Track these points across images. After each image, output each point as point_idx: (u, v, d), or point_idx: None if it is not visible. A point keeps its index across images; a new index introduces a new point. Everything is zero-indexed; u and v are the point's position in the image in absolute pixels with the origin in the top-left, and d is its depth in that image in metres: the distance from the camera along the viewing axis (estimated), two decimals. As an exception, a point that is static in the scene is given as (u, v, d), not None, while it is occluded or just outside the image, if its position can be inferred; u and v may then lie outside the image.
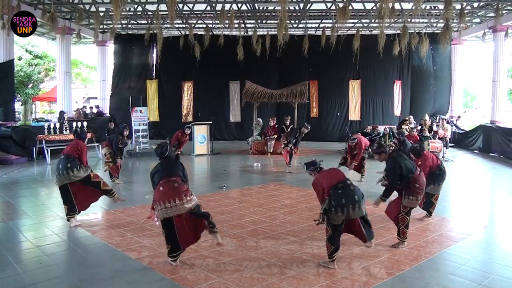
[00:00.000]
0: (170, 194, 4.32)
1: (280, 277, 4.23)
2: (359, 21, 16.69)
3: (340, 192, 4.43)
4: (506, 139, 13.33)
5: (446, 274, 4.34)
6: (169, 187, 4.35)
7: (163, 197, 4.33)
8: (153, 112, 19.10)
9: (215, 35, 16.47)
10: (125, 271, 4.37)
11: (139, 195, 8.16)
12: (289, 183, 9.46)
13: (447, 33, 12.74)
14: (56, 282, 4.13)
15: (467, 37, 18.69)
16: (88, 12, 15.64)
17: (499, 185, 9.83)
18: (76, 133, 6.52)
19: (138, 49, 19.17)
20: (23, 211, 6.91)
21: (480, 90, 34.58)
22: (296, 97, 14.39)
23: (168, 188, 4.36)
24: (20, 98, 22.09)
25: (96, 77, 22.73)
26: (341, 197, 4.38)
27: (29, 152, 12.26)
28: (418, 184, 5.03)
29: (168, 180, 4.44)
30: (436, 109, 18.82)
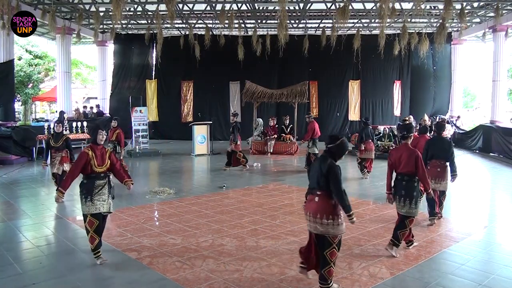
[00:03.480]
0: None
1: (280, 277, 4.23)
2: (359, 21, 16.69)
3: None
4: (506, 139, 13.33)
5: (446, 274, 4.34)
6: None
7: None
8: (152, 112, 19.10)
9: (215, 35, 16.46)
10: (125, 271, 4.37)
11: (139, 195, 8.16)
12: (289, 183, 9.46)
13: (443, 32, 12.73)
14: (56, 282, 4.13)
15: (467, 37, 18.69)
16: (88, 12, 15.64)
17: (499, 185, 9.84)
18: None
19: (138, 49, 19.19)
20: (23, 211, 6.92)
21: (480, 90, 34.59)
22: (296, 97, 14.40)
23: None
24: (20, 98, 22.08)
25: (96, 77, 22.75)
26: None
27: (29, 152, 12.27)
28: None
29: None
30: (436, 109, 18.83)
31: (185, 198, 7.81)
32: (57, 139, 7.43)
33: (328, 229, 3.72)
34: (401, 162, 4.85)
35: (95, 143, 4.75)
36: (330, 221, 3.72)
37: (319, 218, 3.74)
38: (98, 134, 4.72)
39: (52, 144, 7.38)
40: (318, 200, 3.80)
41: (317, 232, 3.77)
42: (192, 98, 19.38)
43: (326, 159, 3.83)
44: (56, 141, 7.39)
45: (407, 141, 4.96)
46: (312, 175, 3.93)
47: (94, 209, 4.57)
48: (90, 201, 4.55)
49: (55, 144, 7.37)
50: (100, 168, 4.64)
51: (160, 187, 8.46)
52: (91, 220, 4.59)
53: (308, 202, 3.93)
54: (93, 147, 4.71)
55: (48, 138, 7.60)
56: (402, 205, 4.83)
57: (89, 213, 4.58)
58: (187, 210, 6.89)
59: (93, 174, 4.59)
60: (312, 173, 3.93)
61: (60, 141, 7.41)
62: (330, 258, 3.75)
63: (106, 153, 4.73)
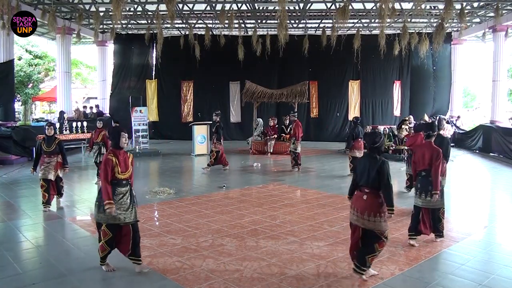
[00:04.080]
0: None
1: (280, 277, 4.23)
2: (359, 21, 16.69)
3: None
4: (506, 139, 13.33)
5: (446, 274, 4.34)
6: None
7: None
8: (152, 112, 19.10)
9: (215, 35, 16.46)
10: (125, 271, 4.37)
11: (139, 195, 8.14)
12: (289, 183, 9.46)
13: (442, 32, 12.73)
14: (56, 282, 4.12)
15: (467, 37, 18.68)
16: (88, 12, 15.63)
17: (499, 185, 9.84)
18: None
19: (138, 49, 19.19)
20: (23, 211, 6.92)
21: (480, 90, 34.59)
22: (296, 97, 14.40)
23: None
24: (20, 98, 22.08)
25: (96, 77, 22.74)
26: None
27: (29, 152, 12.26)
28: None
29: None
30: (436, 109, 18.82)
31: (185, 198, 7.81)
32: (50, 143, 6.91)
33: (376, 225, 3.95)
34: (426, 160, 5.07)
35: (117, 147, 4.35)
36: (378, 218, 3.94)
37: (366, 215, 3.96)
38: (121, 137, 4.32)
39: (45, 148, 6.86)
40: (366, 198, 4.00)
41: (365, 227, 4.00)
42: (192, 98, 19.39)
43: (375, 157, 4.04)
44: (49, 145, 6.89)
45: (431, 139, 5.23)
46: (361, 172, 4.08)
47: (113, 220, 4.20)
48: (98, 208, 4.26)
49: (48, 148, 6.86)
50: (123, 174, 4.30)
51: (160, 187, 8.46)
52: (105, 231, 4.23)
53: (356, 199, 4.11)
54: (115, 152, 4.32)
55: (39, 142, 6.99)
56: (429, 200, 5.09)
57: (105, 223, 4.21)
58: (187, 210, 6.89)
59: (114, 181, 4.24)
60: (361, 170, 4.09)
61: (52, 145, 6.90)
62: (378, 248, 4.02)
63: (128, 158, 4.42)
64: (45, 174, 6.81)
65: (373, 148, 4.10)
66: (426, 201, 5.11)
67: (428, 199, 5.08)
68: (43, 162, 6.86)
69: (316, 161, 12.96)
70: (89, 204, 7.50)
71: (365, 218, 3.96)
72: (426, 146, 5.19)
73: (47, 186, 6.82)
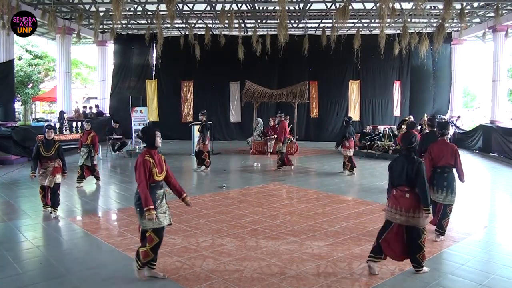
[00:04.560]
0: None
1: (280, 277, 4.23)
2: (359, 21, 16.69)
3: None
4: (506, 139, 13.33)
5: (446, 274, 4.34)
6: None
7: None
8: (152, 112, 19.11)
9: (215, 35, 16.46)
10: (125, 271, 4.37)
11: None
12: (289, 183, 9.46)
13: (442, 32, 12.73)
14: (56, 282, 4.12)
15: (467, 37, 18.69)
16: (88, 12, 15.64)
17: (499, 185, 9.84)
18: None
19: (138, 49, 19.20)
20: (23, 211, 6.92)
21: (480, 90, 34.58)
22: (296, 97, 14.40)
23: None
24: (20, 98, 22.08)
25: (96, 77, 22.74)
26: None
27: (29, 152, 12.21)
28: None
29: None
30: (436, 109, 18.83)
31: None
32: (49, 147, 6.48)
33: (419, 221, 4.17)
34: (442, 156, 5.37)
35: (152, 147, 4.10)
36: (421, 214, 4.16)
37: (411, 212, 4.16)
38: (156, 136, 4.08)
39: (44, 153, 6.44)
40: (409, 196, 4.19)
41: (409, 224, 4.19)
42: (192, 98, 19.39)
43: (412, 158, 4.24)
44: (48, 150, 6.46)
45: (444, 137, 5.59)
46: (398, 173, 4.27)
47: (158, 224, 3.99)
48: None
49: (47, 153, 6.45)
50: (160, 176, 4.07)
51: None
52: (152, 237, 4.00)
53: (397, 198, 4.25)
54: (151, 152, 4.07)
55: (38, 146, 6.50)
56: (445, 195, 5.40)
57: (152, 228, 3.99)
58: (187, 210, 6.87)
59: (153, 184, 4.03)
60: (398, 171, 4.28)
61: (52, 149, 6.47)
62: (423, 244, 4.23)
63: (162, 159, 4.20)
64: (42, 180, 6.48)
65: (410, 149, 4.28)
66: (443, 197, 5.41)
67: (443, 194, 5.39)
68: (40, 167, 6.49)
69: (316, 161, 12.95)
70: (89, 204, 7.50)
71: (409, 215, 4.15)
72: (443, 144, 5.48)
73: (44, 192, 6.55)
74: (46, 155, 6.44)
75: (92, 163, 8.75)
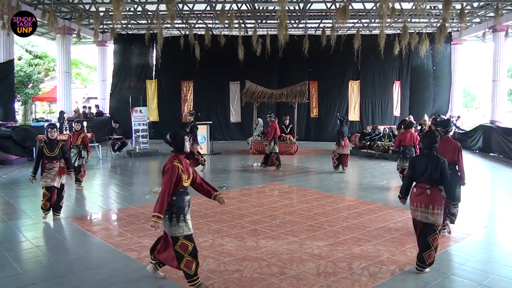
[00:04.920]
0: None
1: (280, 277, 4.23)
2: (359, 21, 16.69)
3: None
4: (506, 139, 13.33)
5: (446, 274, 4.34)
6: None
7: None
8: (152, 112, 19.11)
9: (215, 35, 16.46)
10: (125, 271, 4.37)
11: (139, 195, 8.17)
12: (289, 183, 9.46)
13: (443, 32, 12.73)
14: (56, 282, 4.12)
15: (467, 37, 18.69)
16: (88, 12, 15.63)
17: (499, 185, 9.84)
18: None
19: (138, 49, 19.19)
20: (23, 211, 6.92)
21: (480, 90, 34.57)
22: (296, 97, 14.39)
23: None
24: (20, 98, 22.08)
25: (96, 77, 22.74)
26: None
27: (29, 152, 12.25)
28: None
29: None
30: (436, 109, 18.83)
31: (185, 198, 7.80)
32: (52, 146, 6.23)
33: (437, 219, 4.26)
34: (446, 154, 5.32)
35: (181, 152, 3.96)
36: (440, 211, 4.25)
37: (431, 209, 4.25)
38: (186, 141, 3.98)
39: (47, 153, 6.18)
40: (430, 193, 4.26)
41: (428, 221, 4.26)
42: (192, 98, 19.39)
43: (435, 156, 4.32)
44: (52, 150, 6.20)
45: (447, 135, 5.77)
46: (422, 170, 4.33)
47: (188, 230, 3.86)
48: (183, 221, 3.83)
49: (50, 153, 6.20)
50: (187, 181, 3.93)
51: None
52: (185, 244, 3.82)
53: (418, 195, 4.34)
54: (179, 157, 3.93)
55: (41, 146, 6.25)
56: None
57: (182, 235, 3.82)
58: (187, 210, 6.88)
59: (181, 189, 3.90)
60: (422, 168, 4.33)
61: (56, 149, 6.23)
62: (433, 243, 4.27)
63: (188, 164, 4.07)
64: (47, 181, 6.20)
65: (433, 147, 4.36)
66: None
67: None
68: (44, 168, 6.21)
69: (316, 161, 12.95)
70: (89, 204, 7.50)
71: (429, 211, 4.24)
72: (447, 141, 5.63)
73: (50, 195, 6.20)
74: (50, 155, 6.20)
75: (79, 164, 8.51)
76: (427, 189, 4.27)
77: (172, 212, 3.82)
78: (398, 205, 7.32)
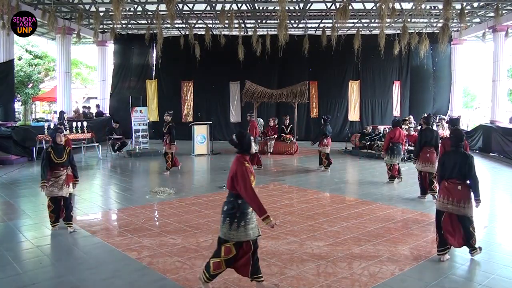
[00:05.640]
0: None
1: (280, 277, 4.23)
2: (359, 21, 16.69)
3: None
4: (506, 139, 13.33)
5: (446, 274, 4.34)
6: None
7: None
8: (153, 112, 19.11)
9: (215, 35, 16.46)
10: (125, 271, 4.37)
11: (139, 195, 8.17)
12: (289, 183, 9.46)
13: (446, 32, 12.73)
14: (56, 282, 4.13)
15: (467, 37, 18.68)
16: (88, 12, 15.63)
17: (499, 185, 9.83)
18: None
19: (138, 49, 19.19)
20: (23, 211, 6.92)
21: (480, 90, 34.57)
22: (296, 97, 14.40)
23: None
24: (20, 98, 22.08)
25: (96, 77, 22.73)
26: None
27: (29, 152, 12.26)
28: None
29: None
30: (436, 109, 18.82)
31: (185, 198, 7.81)
32: (60, 152, 5.68)
33: (469, 211, 4.64)
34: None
35: (247, 153, 3.84)
36: (470, 204, 4.64)
37: (462, 203, 4.62)
38: (252, 142, 3.86)
39: (55, 159, 5.62)
40: (461, 188, 4.64)
41: (459, 213, 4.65)
42: (192, 98, 19.38)
43: (464, 153, 4.76)
44: (60, 156, 5.65)
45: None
46: (449, 166, 4.72)
47: (245, 236, 3.70)
48: (243, 227, 3.68)
49: (59, 159, 5.64)
50: (253, 183, 3.83)
51: (160, 187, 8.46)
52: (231, 249, 3.70)
53: (449, 190, 4.70)
54: (247, 158, 3.82)
55: (48, 152, 5.65)
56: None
57: (235, 240, 3.69)
58: (187, 210, 6.89)
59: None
60: (450, 165, 4.72)
61: (64, 154, 5.69)
62: (473, 231, 4.69)
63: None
64: (53, 191, 5.65)
65: (461, 145, 4.79)
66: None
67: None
68: (50, 175, 5.66)
69: (316, 161, 12.93)
70: (89, 204, 7.50)
71: (461, 205, 4.61)
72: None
73: (55, 206, 5.71)
74: (58, 161, 5.64)
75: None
76: (458, 184, 4.64)
77: (234, 216, 3.69)
78: (398, 205, 7.34)
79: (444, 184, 4.74)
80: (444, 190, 4.72)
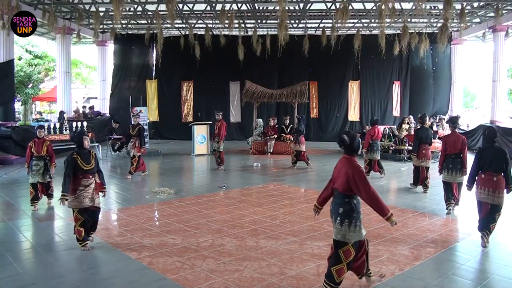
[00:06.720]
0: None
1: (280, 277, 4.23)
2: (359, 21, 16.69)
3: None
4: (506, 139, 13.32)
5: (446, 274, 4.34)
6: None
7: None
8: (153, 112, 19.11)
9: (215, 35, 16.47)
10: (125, 271, 4.37)
11: (139, 195, 8.17)
12: (289, 183, 9.46)
13: (445, 32, 12.74)
14: (56, 282, 4.12)
15: (467, 37, 18.69)
16: (88, 12, 15.64)
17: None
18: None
19: (138, 49, 19.19)
20: (23, 211, 6.91)
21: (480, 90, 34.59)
22: (296, 97, 14.39)
23: None
24: (20, 98, 22.08)
25: (96, 77, 22.73)
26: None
27: (29, 152, 12.24)
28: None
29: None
30: (436, 109, 18.83)
31: (185, 198, 7.81)
32: (88, 158, 5.03)
33: (501, 200, 5.16)
34: (455, 146, 6.61)
35: (356, 153, 3.92)
36: (503, 194, 5.16)
37: (497, 193, 5.13)
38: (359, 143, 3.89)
39: (83, 166, 4.96)
40: (496, 180, 5.13)
41: (494, 202, 5.15)
42: (192, 98, 19.39)
43: (500, 149, 5.29)
44: (88, 162, 5.00)
45: (455, 129, 6.92)
46: (489, 160, 5.20)
47: (360, 235, 3.78)
48: (359, 226, 3.74)
49: (87, 165, 5.00)
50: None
51: (160, 187, 8.46)
52: (350, 250, 3.74)
53: (486, 181, 5.20)
54: (355, 159, 3.87)
55: (74, 158, 4.93)
56: (459, 175, 6.66)
57: (353, 241, 3.73)
58: (187, 210, 6.89)
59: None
60: (488, 159, 5.21)
61: (91, 160, 5.06)
62: (497, 218, 5.24)
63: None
64: (84, 202, 4.95)
65: (495, 141, 5.32)
66: (457, 177, 6.64)
67: (459, 175, 6.62)
68: (78, 185, 4.95)
69: (316, 161, 12.95)
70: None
71: (495, 195, 5.11)
72: (455, 135, 6.75)
73: (84, 218, 4.98)
74: (87, 168, 4.99)
75: (48, 179, 6.99)
76: (494, 176, 5.12)
77: (352, 217, 3.71)
78: (398, 205, 7.35)
79: (481, 176, 5.26)
80: (482, 181, 5.24)
